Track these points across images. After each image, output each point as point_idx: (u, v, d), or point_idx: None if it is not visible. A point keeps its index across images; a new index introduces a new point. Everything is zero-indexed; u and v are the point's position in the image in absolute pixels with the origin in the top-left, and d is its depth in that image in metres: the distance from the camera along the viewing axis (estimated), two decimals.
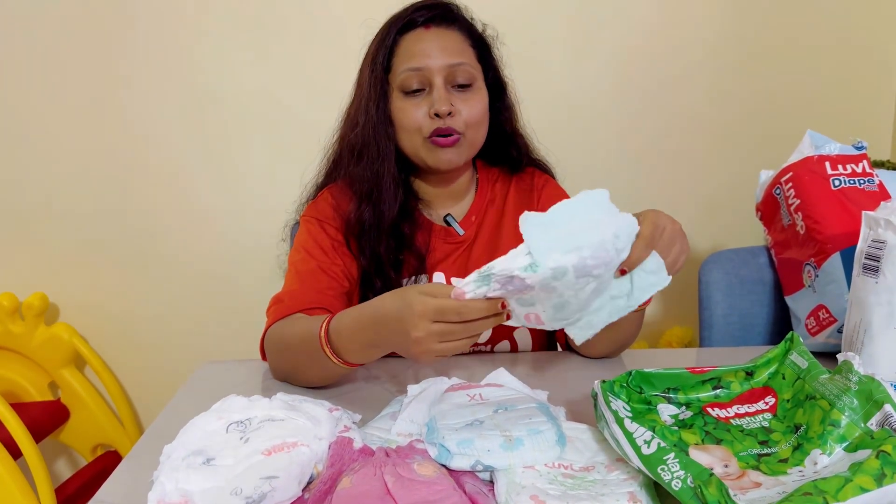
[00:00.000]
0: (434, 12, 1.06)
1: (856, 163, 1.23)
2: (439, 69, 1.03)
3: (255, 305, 1.17)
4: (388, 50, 1.06)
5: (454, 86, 1.05)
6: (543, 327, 0.71)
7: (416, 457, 0.68)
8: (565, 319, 0.71)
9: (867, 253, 0.89)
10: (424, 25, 1.06)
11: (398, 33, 1.06)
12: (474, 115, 1.05)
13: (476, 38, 1.10)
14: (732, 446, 0.69)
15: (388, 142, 1.07)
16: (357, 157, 1.09)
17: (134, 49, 1.74)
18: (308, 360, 0.91)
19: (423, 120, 1.04)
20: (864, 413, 0.64)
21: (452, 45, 1.05)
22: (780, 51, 1.83)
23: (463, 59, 1.05)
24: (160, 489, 0.63)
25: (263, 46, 1.75)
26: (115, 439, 1.90)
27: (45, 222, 1.83)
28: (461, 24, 1.09)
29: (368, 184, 1.07)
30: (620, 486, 0.65)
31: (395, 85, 1.05)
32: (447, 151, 1.05)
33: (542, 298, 0.68)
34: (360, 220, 1.07)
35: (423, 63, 1.03)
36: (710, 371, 0.79)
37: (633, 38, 1.80)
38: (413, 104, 1.04)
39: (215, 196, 1.83)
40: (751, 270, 1.41)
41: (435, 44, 1.04)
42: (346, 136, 1.12)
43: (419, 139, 1.05)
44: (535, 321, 0.70)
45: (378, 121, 1.06)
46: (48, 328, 1.83)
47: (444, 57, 1.03)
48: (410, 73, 1.03)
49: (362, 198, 1.08)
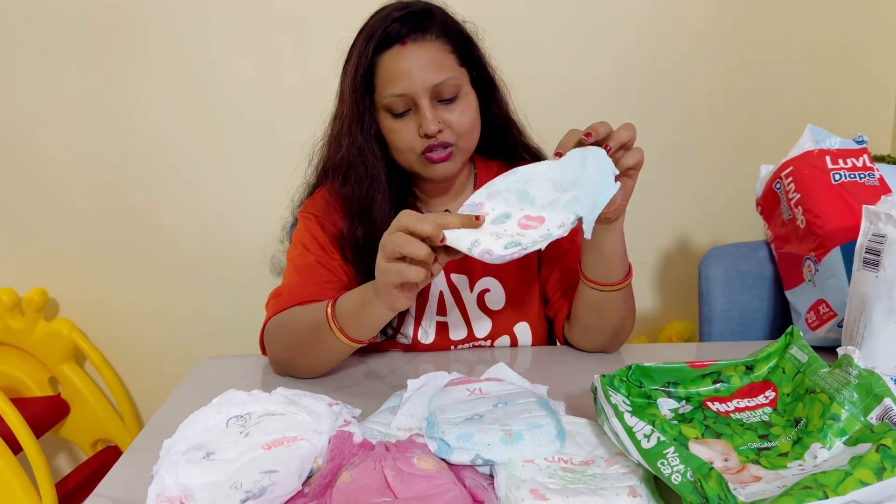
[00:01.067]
0: (409, 25, 1.01)
1: (856, 157, 1.23)
2: (424, 91, 1.00)
3: (255, 300, 1.17)
4: (367, 70, 1.03)
5: (441, 100, 1.02)
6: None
7: (415, 451, 0.68)
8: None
9: (867, 247, 0.89)
10: (401, 42, 1.01)
11: (375, 52, 1.02)
12: (465, 125, 1.03)
13: (456, 41, 1.06)
14: (732, 440, 0.69)
15: (376, 160, 1.06)
16: (343, 179, 1.07)
17: (134, 47, 1.73)
18: (313, 343, 0.92)
19: (415, 140, 1.02)
20: (864, 407, 0.64)
21: (432, 59, 1.01)
22: (780, 44, 1.83)
23: (446, 73, 1.01)
24: (160, 483, 0.63)
25: (264, 46, 1.75)
26: (115, 434, 1.90)
27: (45, 218, 1.83)
28: (439, 31, 1.03)
29: (359, 203, 1.06)
30: (620, 479, 0.65)
31: (381, 107, 1.04)
32: (442, 166, 1.04)
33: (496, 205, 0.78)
34: (353, 237, 1.07)
35: (406, 88, 1.00)
36: (710, 365, 0.79)
37: (634, 32, 1.79)
38: (402, 125, 1.03)
39: (215, 191, 1.83)
40: (751, 265, 1.41)
41: (415, 62, 1.00)
42: (332, 157, 1.10)
43: (413, 157, 1.04)
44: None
45: (363, 141, 1.05)
46: (48, 323, 1.83)
47: (426, 76, 1.00)
48: (395, 98, 1.01)
49: (353, 216, 1.07)
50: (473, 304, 1.13)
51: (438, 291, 1.13)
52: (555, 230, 0.73)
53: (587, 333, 1.07)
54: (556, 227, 0.73)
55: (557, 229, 0.73)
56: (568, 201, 0.75)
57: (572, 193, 0.76)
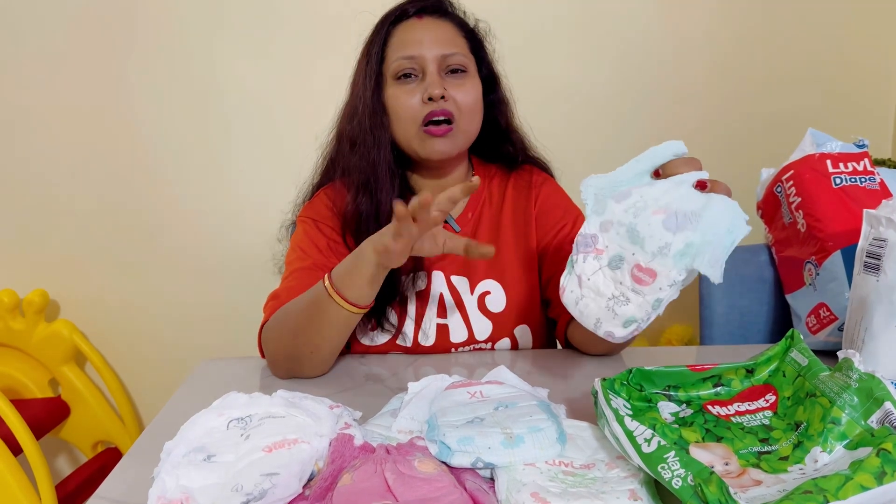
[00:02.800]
0: (426, 2, 1.08)
1: (857, 161, 1.23)
2: (433, 58, 1.04)
3: (256, 303, 1.17)
4: (382, 41, 1.07)
5: (447, 72, 1.06)
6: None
7: (416, 454, 0.68)
8: (660, 253, 0.71)
9: (868, 251, 0.89)
10: (417, 16, 1.07)
11: (391, 24, 1.08)
12: (467, 101, 1.06)
13: (468, 31, 1.12)
14: (733, 444, 0.69)
15: (383, 131, 1.07)
16: (352, 148, 1.09)
17: (135, 49, 1.74)
18: (313, 319, 0.94)
19: (417, 106, 1.04)
20: (865, 411, 0.64)
21: (445, 35, 1.07)
22: (781, 48, 1.83)
23: (456, 49, 1.06)
24: (161, 486, 0.63)
25: (264, 46, 1.75)
26: (115, 436, 1.90)
27: (45, 219, 1.83)
28: (453, 17, 1.11)
29: (365, 173, 1.08)
30: (621, 483, 0.65)
31: (389, 74, 1.06)
32: (440, 142, 1.05)
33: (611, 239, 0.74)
34: (357, 210, 1.08)
35: (416, 51, 1.04)
36: (710, 369, 0.79)
37: (634, 36, 1.80)
38: (406, 91, 1.05)
39: (215, 194, 1.83)
40: (751, 268, 1.41)
41: (428, 34, 1.05)
42: (344, 128, 1.13)
43: (413, 128, 1.05)
44: (642, 272, 0.72)
45: (373, 110, 1.07)
46: (48, 325, 1.83)
47: (437, 46, 1.04)
48: (403, 60, 1.04)
49: (359, 188, 1.08)
50: (474, 307, 1.13)
51: (439, 293, 1.13)
52: (665, 290, 0.71)
53: (594, 338, 1.06)
54: (667, 286, 0.71)
55: (669, 288, 0.71)
56: (679, 251, 0.70)
57: (685, 236, 0.69)
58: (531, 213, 1.17)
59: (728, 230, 0.68)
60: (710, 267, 0.69)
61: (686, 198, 0.71)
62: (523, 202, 1.18)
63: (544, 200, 1.18)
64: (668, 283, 0.70)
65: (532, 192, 1.19)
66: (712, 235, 0.69)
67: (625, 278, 0.74)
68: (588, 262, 0.77)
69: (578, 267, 0.77)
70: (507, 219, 1.17)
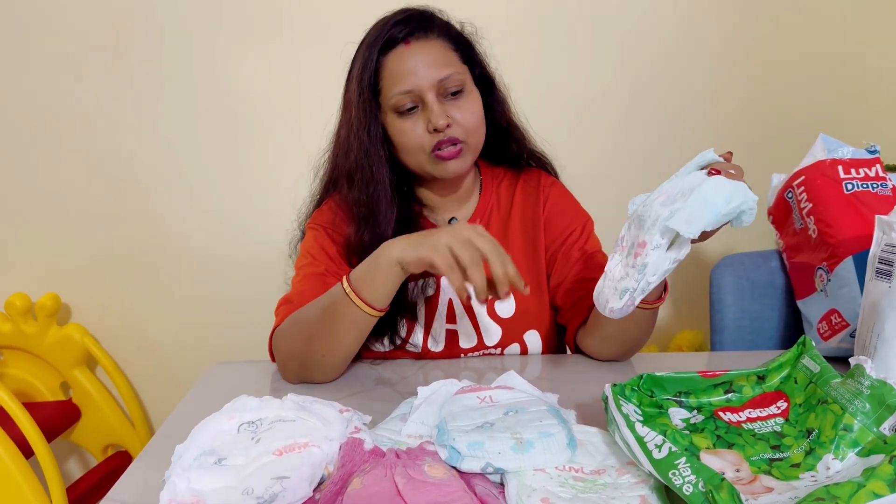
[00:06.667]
0: (411, 26, 1.04)
1: (868, 167, 1.23)
2: (430, 86, 1.02)
3: (267, 306, 1.18)
4: (373, 72, 1.05)
5: (446, 96, 1.04)
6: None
7: (426, 458, 0.68)
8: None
9: (880, 257, 0.89)
10: (405, 42, 1.04)
11: (380, 53, 1.05)
12: (472, 121, 1.05)
13: (457, 41, 1.09)
14: (744, 451, 0.69)
15: (380, 164, 1.07)
16: (350, 183, 1.09)
17: (147, 53, 1.75)
18: (328, 321, 0.94)
19: (424, 137, 1.04)
20: (877, 417, 0.64)
21: (436, 56, 1.04)
22: (791, 53, 1.82)
23: (450, 69, 1.04)
24: (172, 489, 0.63)
25: (276, 54, 1.76)
26: (125, 439, 1.91)
27: (57, 223, 1.85)
28: (440, 31, 1.07)
29: (365, 207, 1.08)
30: (631, 489, 0.64)
31: (388, 108, 1.05)
32: (452, 163, 1.05)
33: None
34: (360, 242, 1.08)
35: (412, 84, 1.02)
36: (721, 375, 0.79)
37: (642, 38, 1.79)
38: (410, 123, 1.04)
39: (227, 198, 1.84)
40: (762, 274, 1.41)
41: (419, 60, 1.03)
42: (341, 163, 1.11)
43: (423, 156, 1.05)
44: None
45: (370, 144, 1.06)
46: (60, 328, 1.84)
47: (431, 72, 1.02)
48: (402, 96, 1.03)
49: (360, 221, 1.08)
50: (483, 312, 1.13)
51: (448, 299, 1.13)
52: (650, 254, 0.76)
53: (605, 343, 1.06)
54: (651, 250, 0.76)
55: (653, 252, 0.75)
56: (664, 218, 0.75)
57: (674, 208, 0.75)
58: (539, 218, 1.17)
59: (726, 200, 0.73)
60: (685, 223, 0.73)
61: (687, 181, 0.77)
62: (531, 206, 1.18)
63: (553, 204, 1.18)
64: (652, 247, 0.75)
65: (540, 195, 1.19)
66: (700, 203, 0.73)
67: (630, 259, 0.80)
68: (613, 260, 0.85)
69: (607, 267, 0.86)
70: (515, 224, 1.17)
